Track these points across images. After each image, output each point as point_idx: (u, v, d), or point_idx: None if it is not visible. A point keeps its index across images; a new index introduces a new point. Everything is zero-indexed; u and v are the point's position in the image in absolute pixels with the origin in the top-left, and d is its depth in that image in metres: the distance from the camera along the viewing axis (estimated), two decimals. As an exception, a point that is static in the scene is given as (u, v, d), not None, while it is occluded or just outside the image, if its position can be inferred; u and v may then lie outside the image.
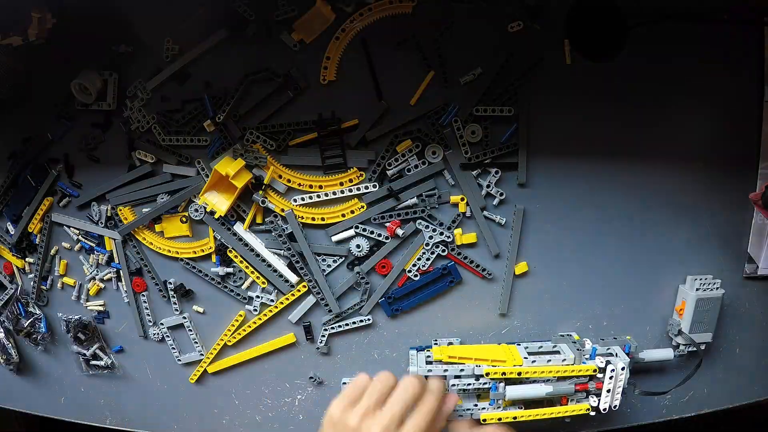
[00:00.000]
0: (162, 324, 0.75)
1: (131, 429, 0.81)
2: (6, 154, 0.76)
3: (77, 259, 0.77)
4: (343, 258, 0.69)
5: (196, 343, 0.75)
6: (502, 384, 0.60)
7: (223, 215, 0.67)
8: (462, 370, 0.60)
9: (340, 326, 0.71)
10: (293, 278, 0.70)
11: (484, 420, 0.60)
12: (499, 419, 0.60)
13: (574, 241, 0.67)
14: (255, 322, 0.72)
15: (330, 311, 0.70)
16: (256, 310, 0.72)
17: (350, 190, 0.66)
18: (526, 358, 0.61)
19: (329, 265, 0.69)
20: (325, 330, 0.71)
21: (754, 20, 0.60)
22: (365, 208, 0.67)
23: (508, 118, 0.63)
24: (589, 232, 0.66)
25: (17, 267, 0.80)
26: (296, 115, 0.66)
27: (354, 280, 0.69)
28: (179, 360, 0.76)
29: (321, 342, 0.72)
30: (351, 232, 0.67)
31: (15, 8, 0.62)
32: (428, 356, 0.64)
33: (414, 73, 0.64)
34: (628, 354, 0.63)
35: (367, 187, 0.66)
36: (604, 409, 0.60)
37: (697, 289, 0.63)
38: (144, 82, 0.68)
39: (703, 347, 0.65)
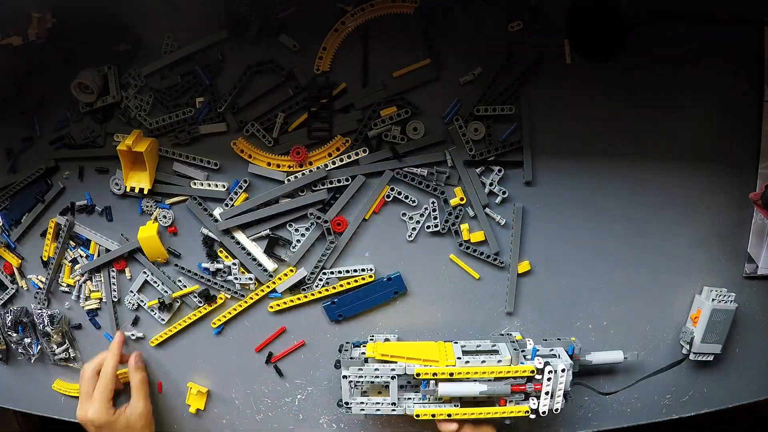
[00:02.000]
0: (132, 292, 0.75)
1: (131, 429, 0.81)
2: (7, 154, 0.76)
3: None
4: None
5: (165, 291, 0.74)
6: (433, 381, 0.59)
7: (150, 188, 0.69)
8: (393, 369, 0.60)
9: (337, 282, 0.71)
10: (270, 266, 0.70)
11: (417, 416, 0.60)
12: (433, 415, 0.59)
13: (575, 240, 0.67)
14: (240, 305, 0.72)
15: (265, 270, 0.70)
16: (237, 292, 0.72)
17: (341, 160, 0.66)
18: (459, 358, 0.59)
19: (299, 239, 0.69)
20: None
21: (754, 20, 0.60)
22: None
23: (509, 116, 0.63)
24: (589, 231, 0.66)
25: (17, 267, 0.79)
26: (295, 114, 0.66)
27: (319, 232, 0.68)
28: (162, 320, 0.74)
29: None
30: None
31: (15, 8, 0.62)
32: (362, 352, 0.63)
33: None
34: (571, 356, 0.62)
35: (357, 153, 0.66)
36: (543, 413, 0.58)
37: (713, 300, 0.64)
38: (138, 69, 0.68)
39: (711, 358, 0.66)
